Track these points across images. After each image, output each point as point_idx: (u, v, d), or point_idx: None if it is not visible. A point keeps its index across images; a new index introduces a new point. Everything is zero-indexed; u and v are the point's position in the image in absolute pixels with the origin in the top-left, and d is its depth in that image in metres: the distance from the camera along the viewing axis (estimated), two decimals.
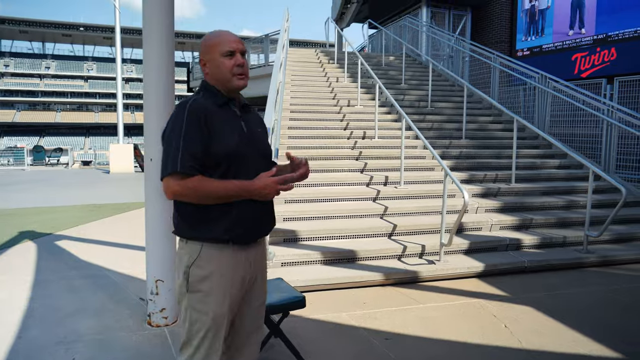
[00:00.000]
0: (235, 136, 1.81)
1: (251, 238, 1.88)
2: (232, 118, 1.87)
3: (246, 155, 1.83)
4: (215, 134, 1.76)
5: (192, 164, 1.70)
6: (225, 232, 1.78)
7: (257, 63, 16.84)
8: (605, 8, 11.60)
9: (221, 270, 1.80)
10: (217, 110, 1.82)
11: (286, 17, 11.01)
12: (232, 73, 1.85)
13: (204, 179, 1.72)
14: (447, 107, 9.62)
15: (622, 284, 4.71)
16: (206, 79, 1.92)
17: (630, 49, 10.91)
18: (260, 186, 1.75)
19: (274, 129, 5.59)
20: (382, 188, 6.25)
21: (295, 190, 5.91)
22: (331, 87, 9.84)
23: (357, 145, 7.39)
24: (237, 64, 1.86)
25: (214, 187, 1.72)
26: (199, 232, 1.79)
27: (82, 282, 4.68)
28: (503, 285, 4.57)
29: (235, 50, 1.86)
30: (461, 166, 7.21)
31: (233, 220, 1.78)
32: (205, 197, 1.73)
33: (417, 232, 5.40)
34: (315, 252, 4.73)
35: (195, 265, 1.79)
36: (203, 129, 1.73)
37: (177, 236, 1.87)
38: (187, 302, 1.81)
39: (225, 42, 1.86)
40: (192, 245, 1.81)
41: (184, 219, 1.82)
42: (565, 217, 6.03)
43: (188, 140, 1.71)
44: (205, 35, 1.96)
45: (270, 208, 1.96)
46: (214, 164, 1.76)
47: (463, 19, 15.16)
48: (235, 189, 1.74)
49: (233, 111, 1.90)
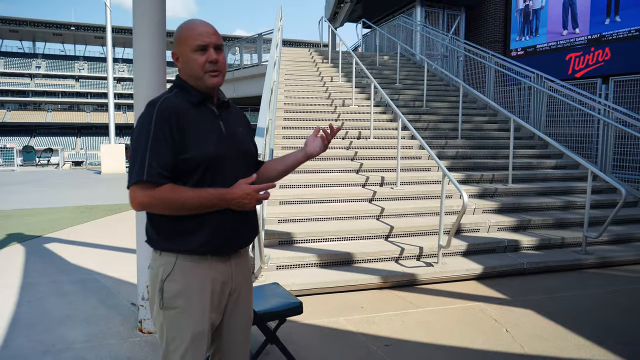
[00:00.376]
0: (212, 139, 1.65)
1: (231, 250, 1.73)
2: (208, 118, 1.70)
3: (225, 160, 1.66)
4: (188, 137, 1.59)
5: (160, 172, 1.53)
6: (202, 244, 1.62)
7: (251, 62, 16.71)
8: (599, 8, 11.60)
9: (199, 284, 1.64)
10: (191, 110, 1.65)
11: (279, 16, 10.90)
12: (204, 70, 1.66)
13: (174, 188, 1.55)
14: (442, 106, 9.56)
15: (621, 286, 4.66)
16: (180, 75, 1.75)
17: (625, 49, 10.91)
18: (239, 195, 1.58)
19: (269, 128, 5.49)
20: (378, 189, 6.16)
21: (290, 192, 5.82)
22: (325, 87, 9.74)
23: (352, 145, 7.30)
24: (210, 60, 1.66)
25: (186, 197, 1.55)
26: (174, 244, 1.63)
27: (72, 286, 4.55)
28: (502, 288, 4.49)
29: (207, 45, 1.66)
30: (458, 166, 7.14)
31: (210, 232, 1.63)
32: (176, 208, 1.56)
33: (414, 234, 5.32)
34: (311, 255, 4.63)
35: (170, 279, 1.62)
36: (174, 132, 1.57)
37: (151, 247, 1.72)
38: (162, 319, 1.64)
39: (196, 36, 1.66)
40: (166, 257, 1.64)
41: (157, 229, 1.66)
42: (563, 218, 5.98)
43: (156, 146, 1.54)
44: (179, 27, 1.76)
45: (251, 216, 1.80)
46: (188, 170, 1.59)
47: (457, 19, 15.13)
48: (210, 199, 1.57)
49: (210, 110, 1.72)
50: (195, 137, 1.61)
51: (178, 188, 1.56)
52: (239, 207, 1.61)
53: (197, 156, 1.59)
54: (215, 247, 1.65)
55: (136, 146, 1.56)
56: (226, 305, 1.75)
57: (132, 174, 1.53)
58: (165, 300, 1.62)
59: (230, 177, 1.64)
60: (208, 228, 1.63)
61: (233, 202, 1.59)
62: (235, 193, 1.59)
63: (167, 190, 1.54)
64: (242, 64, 17.00)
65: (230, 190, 1.59)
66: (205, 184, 1.61)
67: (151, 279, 1.68)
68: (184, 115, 1.61)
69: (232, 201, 1.59)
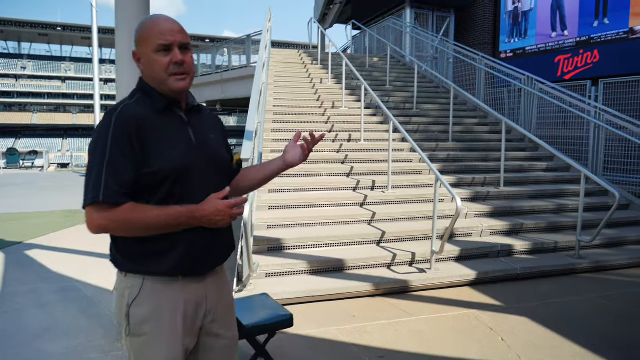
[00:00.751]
0: (179, 149, 1.48)
1: (204, 270, 1.58)
2: (176, 126, 1.53)
3: (194, 172, 1.50)
4: (151, 148, 1.42)
5: (119, 190, 1.37)
6: (172, 267, 1.47)
7: (240, 64, 16.57)
8: (587, 10, 11.63)
9: (169, 308, 1.49)
10: (155, 118, 1.48)
11: (268, 17, 10.77)
12: (168, 73, 1.48)
13: (136, 208, 1.39)
14: (433, 109, 9.49)
15: (615, 290, 4.60)
16: (143, 78, 1.56)
17: (613, 51, 10.94)
18: (210, 212, 1.42)
19: (257, 131, 5.37)
20: (369, 193, 6.06)
21: (279, 196, 5.70)
22: (315, 89, 9.63)
23: (342, 148, 7.19)
24: (175, 61, 1.48)
25: (151, 217, 1.39)
26: (140, 266, 1.47)
27: (52, 296, 4.39)
28: (496, 294, 4.41)
29: (172, 44, 1.48)
30: (449, 169, 7.06)
31: (181, 253, 1.48)
32: (139, 229, 1.40)
33: (406, 239, 5.22)
34: (301, 262, 4.51)
35: (137, 303, 1.46)
36: (134, 143, 1.40)
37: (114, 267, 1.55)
38: (130, 346, 1.49)
39: (158, 34, 1.47)
40: (132, 279, 1.48)
41: (121, 251, 1.49)
42: (555, 222, 5.92)
43: (114, 160, 1.37)
44: (140, 24, 1.57)
45: (225, 232, 1.64)
46: (152, 186, 1.43)
47: (447, 21, 15.11)
48: (178, 218, 1.41)
49: (178, 116, 1.55)
50: (159, 148, 1.44)
51: (141, 207, 1.40)
52: (210, 224, 1.46)
53: (162, 170, 1.43)
54: (186, 268, 1.51)
55: (92, 161, 1.39)
56: (201, 328, 1.59)
57: (87, 194, 1.37)
58: (133, 326, 1.47)
59: (200, 191, 1.49)
60: (178, 248, 1.48)
61: (204, 219, 1.44)
62: (206, 210, 1.43)
63: (128, 210, 1.38)
64: (230, 65, 16.85)
65: (201, 207, 1.43)
66: (173, 200, 1.45)
67: (116, 303, 1.52)
68: (147, 123, 1.45)
69: (202, 219, 1.44)
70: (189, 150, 1.50)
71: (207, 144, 1.59)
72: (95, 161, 1.38)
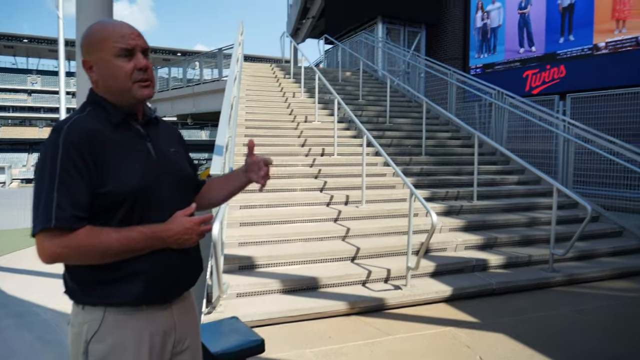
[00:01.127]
0: (139, 166, 1.35)
1: (172, 296, 1.45)
2: (133, 140, 1.39)
3: (156, 190, 1.37)
4: (107, 166, 1.29)
5: (73, 213, 1.22)
6: (137, 295, 1.33)
7: (211, 77, 16.44)
8: (553, 27, 11.95)
9: (134, 342, 1.34)
10: (110, 133, 1.34)
11: (240, 30, 10.68)
12: (133, 80, 1.36)
13: (94, 232, 1.25)
14: (406, 123, 9.52)
15: (589, 304, 4.60)
16: (94, 89, 1.41)
17: (579, 66, 11.24)
18: (177, 231, 1.31)
19: (228, 146, 5.22)
20: (343, 208, 5.96)
21: (251, 212, 5.55)
22: (288, 103, 9.54)
23: (315, 162, 7.10)
24: (139, 66, 1.36)
25: (111, 241, 1.25)
26: (100, 296, 1.32)
27: (8, 320, 4.12)
28: (473, 311, 4.34)
29: (134, 48, 1.36)
30: (423, 183, 7.04)
31: (146, 279, 1.34)
32: (99, 256, 1.26)
33: (381, 255, 5.13)
34: (274, 281, 4.36)
35: (97, 339, 1.31)
36: (88, 161, 1.26)
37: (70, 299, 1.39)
38: None
39: (118, 37, 1.34)
40: (91, 312, 1.33)
41: (77, 280, 1.34)
42: (528, 235, 5.93)
43: (66, 180, 1.22)
44: (89, 28, 1.40)
45: (193, 252, 1.50)
46: (110, 207, 1.30)
47: (418, 36, 15.32)
48: (142, 240, 1.29)
49: (135, 130, 1.42)
50: (116, 165, 1.30)
51: (99, 231, 1.26)
52: (178, 244, 1.34)
53: (120, 189, 1.29)
54: (153, 295, 1.37)
55: (40, 182, 1.23)
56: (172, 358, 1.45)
57: (36, 220, 1.22)
58: None
59: (164, 209, 1.36)
60: (143, 274, 1.33)
61: (170, 239, 1.32)
62: (172, 229, 1.31)
63: (85, 235, 1.23)
64: (202, 78, 16.69)
65: (166, 227, 1.31)
66: (134, 221, 1.32)
67: (72, 340, 1.35)
68: (101, 138, 1.31)
69: (169, 239, 1.32)
70: (149, 167, 1.38)
71: (168, 159, 1.46)
72: (44, 181, 1.23)
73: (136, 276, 1.33)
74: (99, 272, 1.30)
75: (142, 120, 1.45)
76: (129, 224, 1.31)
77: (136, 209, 1.33)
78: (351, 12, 16.05)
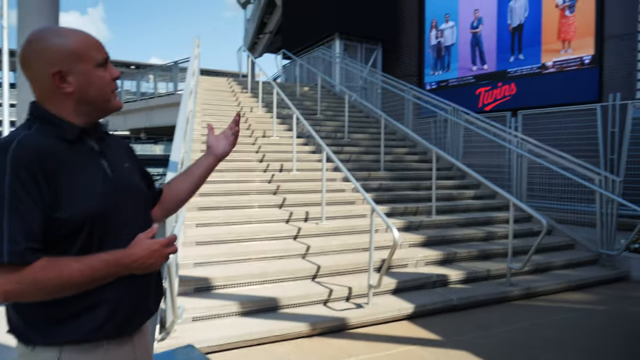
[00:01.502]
0: (96, 187, 1.23)
1: (135, 327, 1.31)
2: (88, 159, 1.27)
3: (116, 211, 1.26)
4: (62, 189, 1.15)
5: (27, 246, 1.07)
6: (96, 328, 1.19)
7: (167, 91, 16.07)
8: (504, 46, 12.39)
9: None
10: (63, 151, 1.20)
11: (197, 43, 10.47)
12: (111, 89, 1.30)
13: (52, 264, 1.11)
14: (364, 138, 9.55)
15: (547, 317, 4.65)
16: (39, 103, 1.25)
17: (528, 84, 11.67)
18: (142, 255, 1.20)
19: (184, 162, 5.02)
20: (303, 225, 5.84)
21: (208, 230, 5.35)
22: (245, 117, 9.39)
23: (274, 178, 6.96)
24: (114, 76, 1.31)
25: (71, 272, 1.12)
26: (54, 335, 1.17)
27: None
28: (435, 328, 4.30)
29: (107, 58, 1.31)
30: (382, 199, 7.03)
31: (107, 310, 1.21)
32: (58, 290, 1.12)
33: (342, 273, 5.03)
34: (232, 303, 4.17)
35: None
36: (41, 184, 1.11)
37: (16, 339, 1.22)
38: None
39: (95, 47, 1.27)
40: (42, 353, 1.17)
41: (25, 318, 1.18)
42: (486, 249, 5.99)
43: (17, 209, 1.07)
44: (42, 31, 1.24)
45: (155, 278, 1.38)
46: (67, 234, 1.16)
47: (374, 53, 15.54)
48: (104, 268, 1.16)
49: (89, 147, 1.29)
50: (72, 187, 1.17)
51: (57, 262, 1.11)
52: (142, 270, 1.21)
53: (78, 214, 1.15)
54: (114, 328, 1.22)
55: None
56: None
57: None
58: None
59: (125, 232, 1.24)
60: (104, 305, 1.20)
61: (134, 265, 1.19)
62: (136, 253, 1.19)
63: (42, 268, 1.09)
64: (156, 92, 16.30)
65: (129, 252, 1.19)
66: (93, 248, 1.18)
67: None
68: (53, 157, 1.17)
69: (133, 264, 1.19)
70: (105, 190, 1.24)
71: (124, 178, 1.34)
72: None
73: (97, 308, 1.19)
74: (52, 306, 1.15)
75: (94, 136, 1.33)
76: (88, 251, 1.18)
77: (95, 235, 1.20)
78: (309, 28, 16.14)
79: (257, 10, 22.47)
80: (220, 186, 6.32)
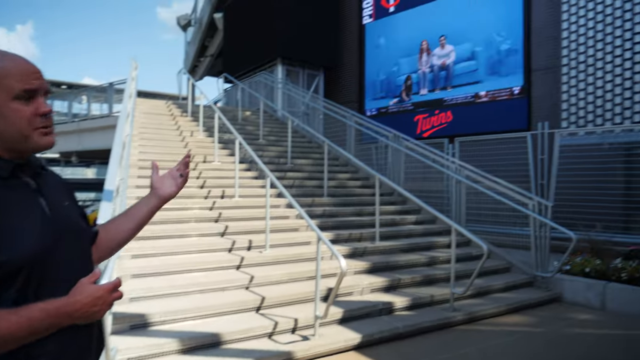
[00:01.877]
0: (34, 228, 1.10)
1: None
2: (23, 197, 1.14)
3: (55, 254, 1.13)
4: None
5: None
6: None
7: (101, 113, 15.41)
8: (439, 77, 12.91)
9: None
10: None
11: (134, 65, 10.14)
12: (33, 126, 1.13)
13: None
14: (307, 163, 9.53)
15: (490, 342, 4.73)
16: None
17: (463, 112, 12.18)
18: (86, 303, 1.06)
19: (119, 189, 4.74)
20: (245, 254, 5.67)
21: (144, 262, 5.06)
22: (185, 142, 9.13)
23: (216, 205, 6.75)
24: (42, 112, 1.14)
25: (9, 326, 0.98)
26: None
27: None
28: (382, 358, 4.24)
29: (37, 90, 1.14)
30: (326, 225, 6.97)
31: None
32: None
33: (288, 303, 4.89)
34: (170, 340, 3.91)
35: None
36: None
37: None
38: None
39: (18, 76, 1.10)
40: None
41: None
42: (429, 274, 6.06)
43: None
44: None
45: (97, 327, 1.25)
46: (4, 277, 1.03)
47: (316, 79, 15.72)
48: (46, 318, 1.02)
49: (24, 183, 1.16)
50: (7, 228, 1.04)
51: None
52: (85, 319, 1.07)
53: (16, 256, 1.02)
54: None
55: None
56: None
57: None
58: None
59: (65, 278, 1.11)
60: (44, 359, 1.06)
61: (77, 314, 1.05)
62: (80, 301, 1.05)
63: None
64: (90, 114, 15.58)
65: (72, 300, 1.05)
66: (30, 296, 1.05)
67: None
68: None
69: (75, 313, 1.05)
70: (43, 231, 1.11)
71: (64, 216, 1.21)
72: None
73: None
74: None
75: (29, 172, 1.19)
76: (25, 296, 1.04)
77: (33, 278, 1.06)
78: (251, 52, 16.11)
79: (197, 33, 22.21)
80: (159, 214, 5.97)
